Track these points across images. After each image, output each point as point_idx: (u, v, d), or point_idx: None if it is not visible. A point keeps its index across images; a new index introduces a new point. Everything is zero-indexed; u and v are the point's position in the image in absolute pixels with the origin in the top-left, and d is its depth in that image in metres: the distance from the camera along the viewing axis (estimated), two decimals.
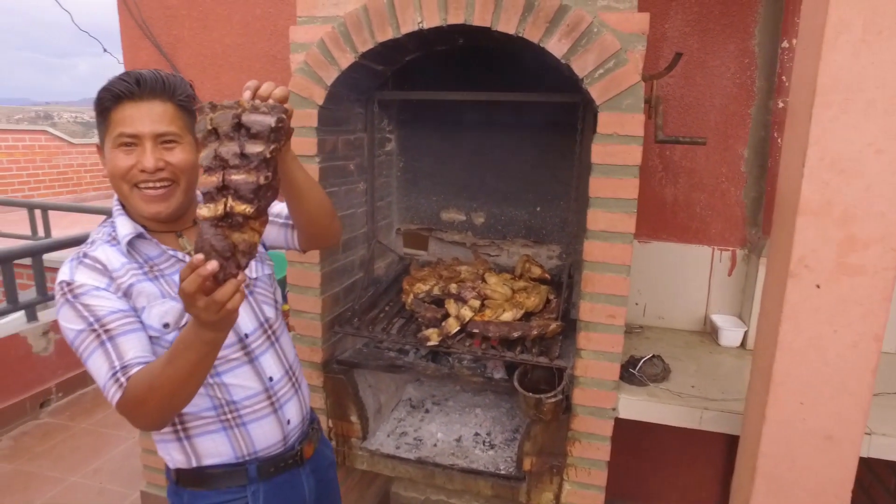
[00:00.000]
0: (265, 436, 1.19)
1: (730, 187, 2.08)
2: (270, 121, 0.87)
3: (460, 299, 1.90)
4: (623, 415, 1.67)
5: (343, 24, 1.68)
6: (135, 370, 0.99)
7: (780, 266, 1.22)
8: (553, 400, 1.62)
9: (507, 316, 1.82)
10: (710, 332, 2.15)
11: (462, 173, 2.39)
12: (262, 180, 0.85)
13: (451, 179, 2.41)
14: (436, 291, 1.97)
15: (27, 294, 3.59)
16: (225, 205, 0.84)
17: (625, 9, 1.49)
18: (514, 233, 2.37)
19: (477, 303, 1.86)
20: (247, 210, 0.85)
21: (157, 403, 0.98)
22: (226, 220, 0.84)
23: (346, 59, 1.71)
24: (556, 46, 1.52)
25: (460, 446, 1.99)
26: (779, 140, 1.97)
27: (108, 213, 1.20)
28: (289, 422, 1.24)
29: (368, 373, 2.04)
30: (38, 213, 5.54)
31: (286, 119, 0.90)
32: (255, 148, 0.86)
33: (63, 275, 1.05)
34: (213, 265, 0.82)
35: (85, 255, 1.08)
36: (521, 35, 1.54)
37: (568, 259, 2.19)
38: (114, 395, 0.99)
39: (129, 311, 1.06)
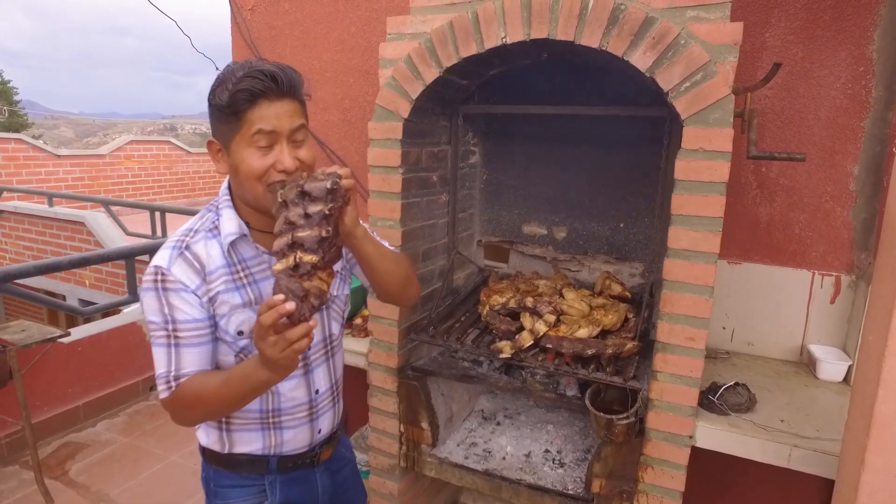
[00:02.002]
0: (295, 440, 1.26)
1: (835, 207, 1.91)
2: (326, 184, 1.01)
3: (536, 313, 1.89)
4: (701, 444, 1.58)
5: (429, 40, 1.74)
6: (185, 379, 1.08)
7: (886, 294, 1.11)
8: (625, 422, 1.57)
9: (583, 332, 1.78)
10: (806, 364, 1.98)
11: (545, 187, 2.38)
12: (323, 234, 1.00)
13: (533, 193, 2.41)
14: (512, 304, 1.97)
15: None
16: (295, 257, 0.98)
17: (716, 19, 1.43)
18: (595, 248, 2.32)
19: (552, 317, 1.84)
20: (313, 260, 0.98)
21: (200, 412, 1.10)
22: (296, 270, 0.98)
23: (430, 74, 1.76)
24: (641, 60, 1.48)
25: (529, 462, 1.97)
26: None
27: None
28: (319, 431, 1.31)
29: (441, 381, 2.08)
30: (157, 215, 6.14)
31: (339, 182, 1.03)
32: (315, 207, 1.00)
33: (161, 259, 1.06)
34: (290, 305, 0.93)
35: (187, 248, 1.09)
36: (604, 49, 1.52)
37: (650, 277, 2.11)
38: (161, 391, 1.09)
39: (204, 322, 1.10)
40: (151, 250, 3.86)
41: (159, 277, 1.06)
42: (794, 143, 1.93)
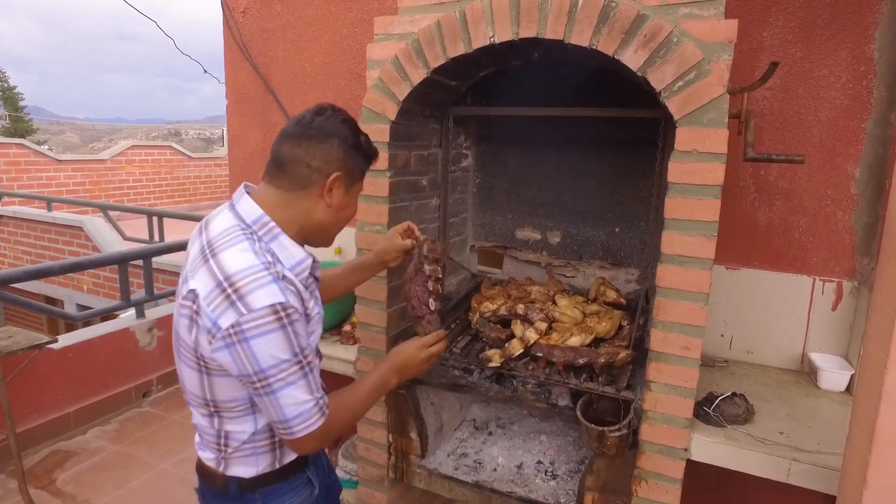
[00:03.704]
0: None
1: (836, 211, 1.85)
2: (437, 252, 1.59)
3: (527, 320, 1.83)
4: (696, 457, 1.52)
5: (416, 40, 1.70)
6: (325, 400, 1.14)
7: (887, 302, 1.05)
8: (617, 434, 1.51)
9: (575, 341, 1.73)
10: (807, 373, 1.91)
11: (539, 191, 2.33)
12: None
13: (527, 197, 2.36)
14: (502, 311, 1.91)
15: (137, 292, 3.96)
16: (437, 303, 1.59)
17: (710, 16, 1.38)
18: (590, 253, 2.27)
19: (543, 325, 1.79)
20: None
21: (348, 424, 1.23)
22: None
23: (418, 75, 1.72)
24: (632, 58, 1.43)
25: (521, 473, 1.91)
26: None
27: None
28: None
29: (431, 390, 2.02)
30: (154, 219, 6.11)
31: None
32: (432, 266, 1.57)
33: (275, 296, 1.01)
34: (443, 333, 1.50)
35: (283, 277, 1.06)
36: (594, 48, 1.47)
37: (645, 283, 2.05)
38: (315, 422, 1.10)
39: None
40: (145, 255, 3.82)
41: (283, 313, 1.02)
42: (793, 145, 1.87)
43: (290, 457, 1.24)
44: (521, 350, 1.72)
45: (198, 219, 6.30)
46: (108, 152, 10.63)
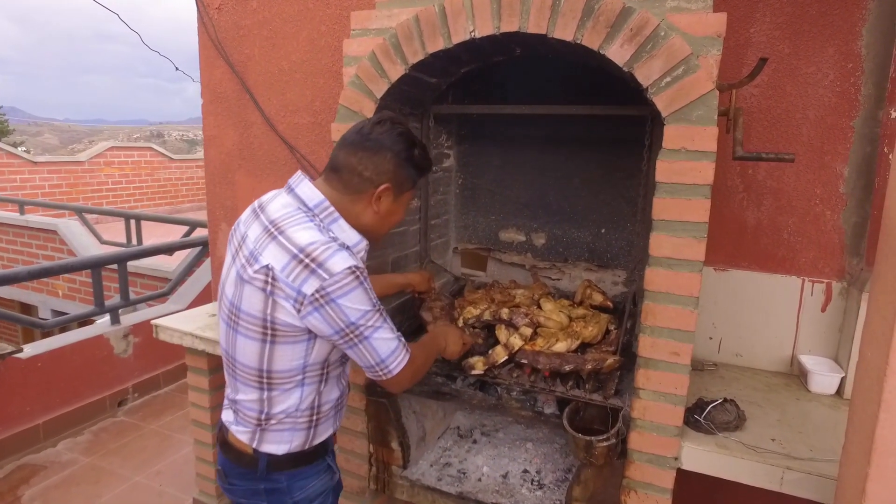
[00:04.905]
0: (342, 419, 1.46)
1: (825, 210, 1.82)
2: None
3: (511, 326, 1.77)
4: (686, 466, 1.46)
5: (394, 36, 1.63)
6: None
7: (885, 306, 1.00)
8: (605, 443, 1.45)
9: (561, 346, 1.67)
10: (797, 375, 1.87)
11: (523, 191, 2.27)
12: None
13: (511, 197, 2.30)
14: (486, 316, 1.85)
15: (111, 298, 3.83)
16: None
17: (697, 9, 1.33)
18: (576, 255, 2.22)
19: (528, 331, 1.73)
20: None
21: (421, 371, 1.33)
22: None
23: (396, 71, 1.65)
24: (618, 53, 1.38)
25: (506, 483, 1.85)
26: (889, 156, 1.70)
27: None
28: None
29: (413, 398, 1.95)
30: (133, 223, 5.96)
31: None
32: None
33: (347, 261, 1.13)
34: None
35: (346, 247, 1.16)
36: (579, 42, 1.42)
37: (633, 286, 2.01)
38: (404, 357, 1.23)
39: None
40: (120, 259, 3.70)
41: (359, 273, 1.14)
42: (781, 143, 1.83)
43: (320, 438, 1.32)
44: (506, 357, 1.66)
45: (178, 222, 6.17)
46: (86, 154, 10.40)
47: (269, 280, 1.13)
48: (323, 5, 2.51)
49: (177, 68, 3.57)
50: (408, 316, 1.98)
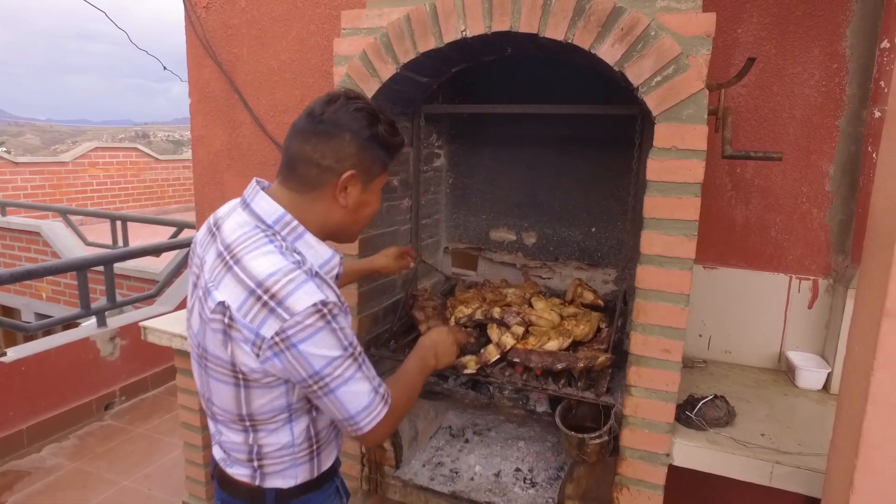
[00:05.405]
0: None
1: (811, 208, 1.84)
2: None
3: (503, 325, 1.78)
4: (678, 462, 1.48)
5: (385, 35, 1.63)
6: (384, 387, 1.09)
7: (872, 302, 1.02)
8: (598, 441, 1.46)
9: (553, 345, 1.68)
10: (785, 371, 1.90)
11: (513, 190, 2.28)
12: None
13: (501, 197, 2.31)
14: (478, 315, 1.86)
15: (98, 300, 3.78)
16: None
17: (687, 9, 1.34)
18: (566, 254, 2.23)
19: (520, 329, 1.73)
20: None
21: (405, 411, 1.17)
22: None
23: (387, 71, 1.65)
24: (609, 52, 1.39)
25: (499, 482, 1.85)
26: (873, 155, 1.73)
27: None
28: None
29: None
30: (118, 224, 5.89)
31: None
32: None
33: (314, 295, 0.96)
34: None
35: (316, 274, 1.00)
36: (570, 41, 1.42)
37: (623, 284, 2.02)
38: (381, 411, 1.06)
39: None
40: (106, 261, 3.65)
41: (325, 310, 0.97)
42: (768, 142, 1.86)
43: (326, 465, 1.20)
44: (498, 356, 1.66)
45: (165, 223, 6.11)
46: (69, 154, 10.26)
47: (226, 321, 0.97)
48: (312, 4, 2.50)
49: (165, 68, 3.54)
50: (399, 315, 1.98)
